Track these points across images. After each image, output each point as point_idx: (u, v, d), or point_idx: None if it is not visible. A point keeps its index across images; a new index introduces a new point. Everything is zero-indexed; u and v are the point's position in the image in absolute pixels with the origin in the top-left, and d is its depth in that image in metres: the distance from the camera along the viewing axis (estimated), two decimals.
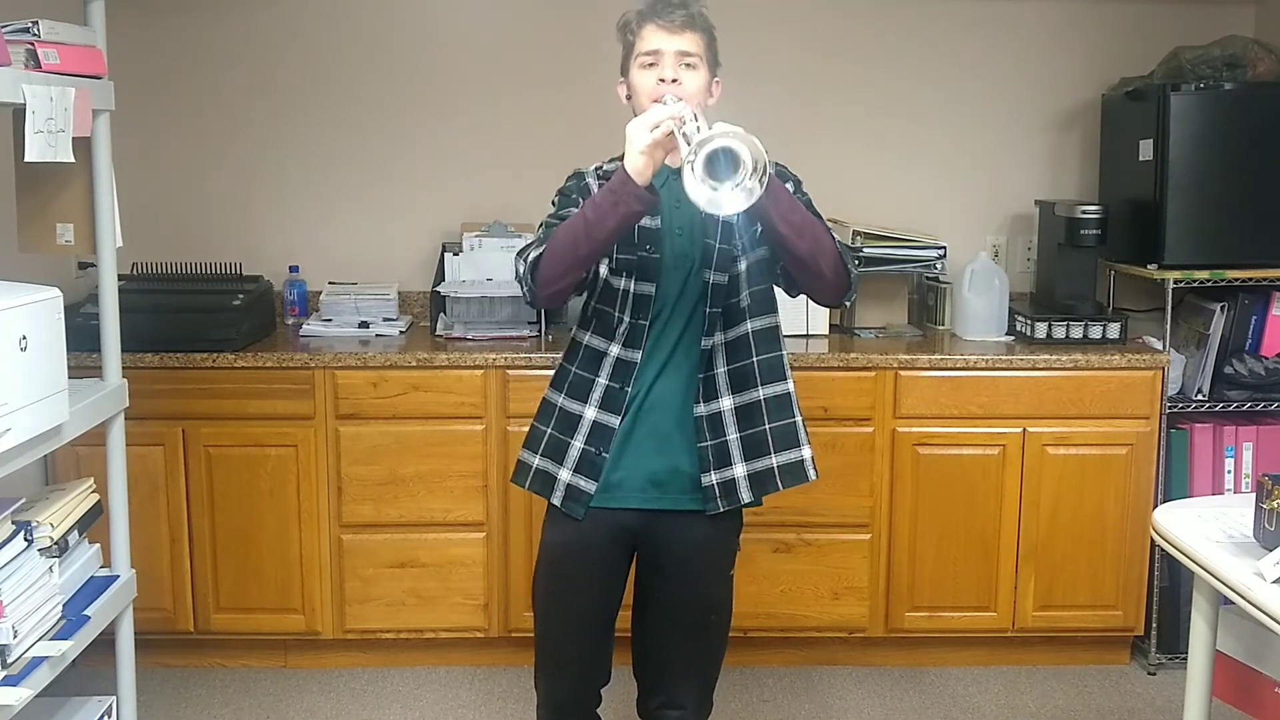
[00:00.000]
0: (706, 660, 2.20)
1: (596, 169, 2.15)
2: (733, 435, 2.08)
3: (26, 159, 1.91)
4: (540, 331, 3.36)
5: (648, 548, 2.13)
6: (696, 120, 1.89)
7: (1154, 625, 3.32)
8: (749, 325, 2.09)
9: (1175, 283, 3.25)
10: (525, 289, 2.04)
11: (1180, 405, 3.32)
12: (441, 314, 3.43)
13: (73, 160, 2.02)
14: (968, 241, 3.67)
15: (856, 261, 2.03)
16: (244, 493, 3.19)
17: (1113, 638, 3.37)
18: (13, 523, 1.87)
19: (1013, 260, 3.75)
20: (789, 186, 2.09)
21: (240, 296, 3.31)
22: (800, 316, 3.39)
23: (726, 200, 1.79)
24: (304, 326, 3.45)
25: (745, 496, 2.10)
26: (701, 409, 2.07)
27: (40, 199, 2.17)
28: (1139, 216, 3.35)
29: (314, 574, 3.22)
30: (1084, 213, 3.34)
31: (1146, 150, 3.30)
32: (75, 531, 2.10)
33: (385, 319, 3.47)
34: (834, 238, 2.05)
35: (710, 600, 2.16)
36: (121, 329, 2.27)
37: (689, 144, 1.80)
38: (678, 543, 2.10)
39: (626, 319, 2.07)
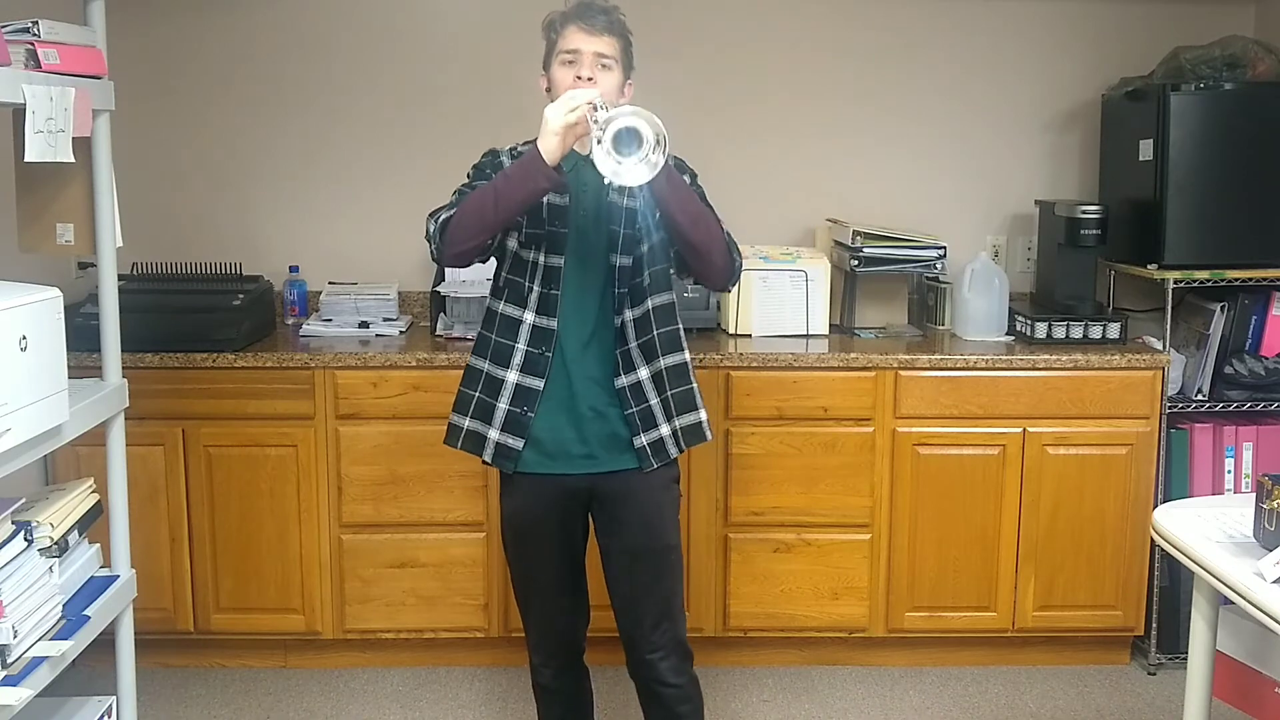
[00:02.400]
0: (671, 601, 2.34)
1: (511, 149, 2.32)
2: (654, 400, 2.27)
3: (26, 159, 1.90)
4: None
5: (600, 506, 2.31)
6: (606, 110, 2.04)
7: (1154, 625, 3.32)
8: (650, 302, 2.26)
9: (1175, 283, 3.25)
10: (433, 247, 2.23)
11: (1180, 405, 3.32)
12: (441, 314, 3.43)
13: (73, 160, 2.01)
14: (968, 241, 3.67)
15: (739, 253, 2.29)
16: (244, 493, 3.19)
17: (1113, 638, 3.37)
18: (13, 523, 1.87)
19: (1013, 260, 3.75)
20: (685, 178, 2.25)
21: (240, 296, 3.31)
22: (800, 317, 3.40)
23: (629, 172, 1.97)
24: (304, 326, 3.45)
25: (673, 452, 2.30)
26: (623, 380, 2.25)
27: (40, 199, 2.17)
28: (1139, 216, 3.35)
29: (314, 574, 3.22)
30: (1084, 213, 3.34)
31: (1146, 150, 3.30)
32: (75, 531, 2.10)
33: (385, 319, 3.47)
34: (723, 229, 2.23)
35: (665, 541, 2.33)
36: (121, 329, 2.27)
37: (598, 124, 1.98)
38: (626, 495, 2.29)
39: (537, 288, 2.24)
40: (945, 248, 3.48)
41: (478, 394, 2.29)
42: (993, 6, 3.67)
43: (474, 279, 3.44)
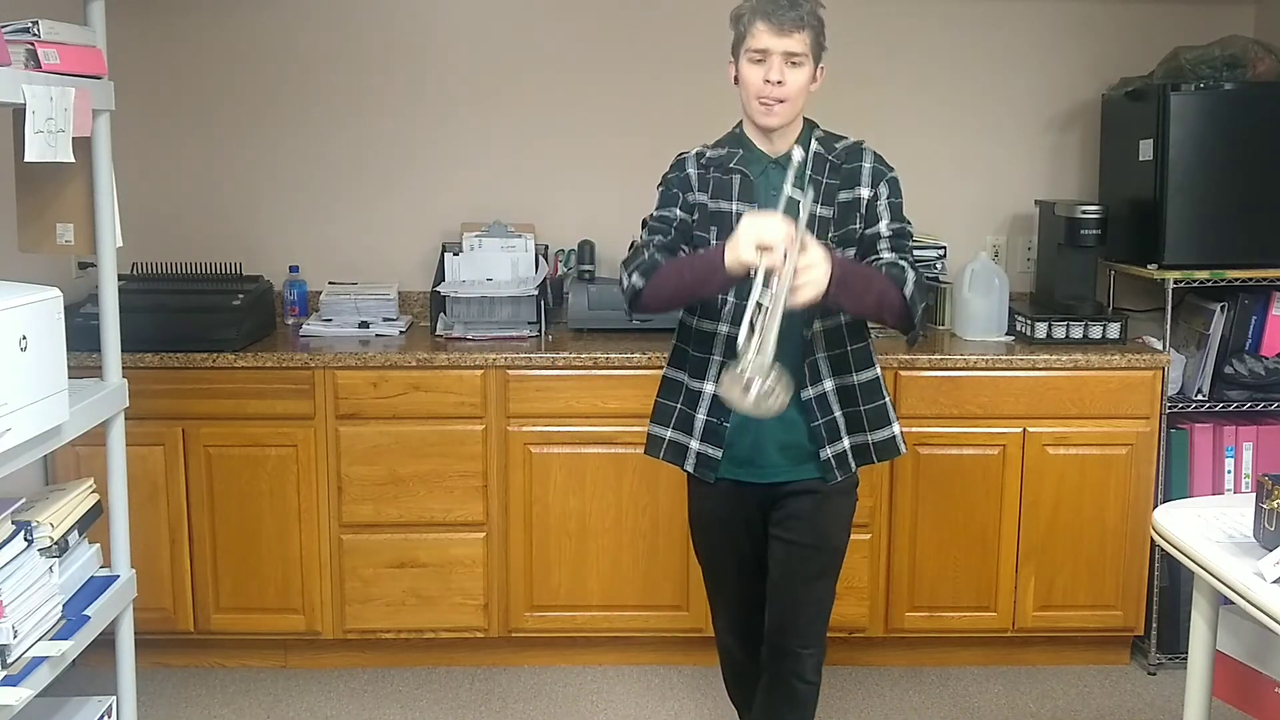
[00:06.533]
0: (826, 602, 2.40)
1: (698, 154, 2.29)
2: (838, 413, 2.27)
3: (26, 159, 1.90)
4: (540, 331, 3.36)
5: (780, 512, 2.33)
6: (786, 261, 1.98)
7: (1154, 625, 3.32)
8: (842, 316, 2.24)
9: (1175, 283, 3.25)
10: (628, 307, 2.28)
11: (1180, 405, 3.32)
12: (441, 314, 3.43)
13: (73, 160, 2.01)
14: (968, 241, 3.67)
15: (922, 296, 2.23)
16: (244, 493, 3.19)
17: (1113, 638, 3.37)
18: (13, 523, 1.87)
19: (1013, 260, 3.75)
20: (883, 188, 2.25)
21: (240, 296, 3.31)
22: None
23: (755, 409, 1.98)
24: (304, 326, 3.45)
25: (853, 465, 2.31)
26: (809, 391, 2.25)
27: (40, 199, 2.17)
28: (1139, 216, 3.35)
29: (314, 574, 3.22)
30: (1084, 213, 3.34)
31: (1146, 150, 3.30)
32: (75, 531, 2.10)
33: (385, 319, 3.47)
34: (902, 285, 2.16)
35: (834, 543, 2.36)
36: (121, 329, 2.27)
37: (768, 284, 1.98)
38: (807, 504, 2.30)
39: (731, 299, 2.22)
40: (945, 248, 3.48)
41: (679, 405, 2.32)
42: (993, 6, 3.67)
43: (474, 279, 3.44)
